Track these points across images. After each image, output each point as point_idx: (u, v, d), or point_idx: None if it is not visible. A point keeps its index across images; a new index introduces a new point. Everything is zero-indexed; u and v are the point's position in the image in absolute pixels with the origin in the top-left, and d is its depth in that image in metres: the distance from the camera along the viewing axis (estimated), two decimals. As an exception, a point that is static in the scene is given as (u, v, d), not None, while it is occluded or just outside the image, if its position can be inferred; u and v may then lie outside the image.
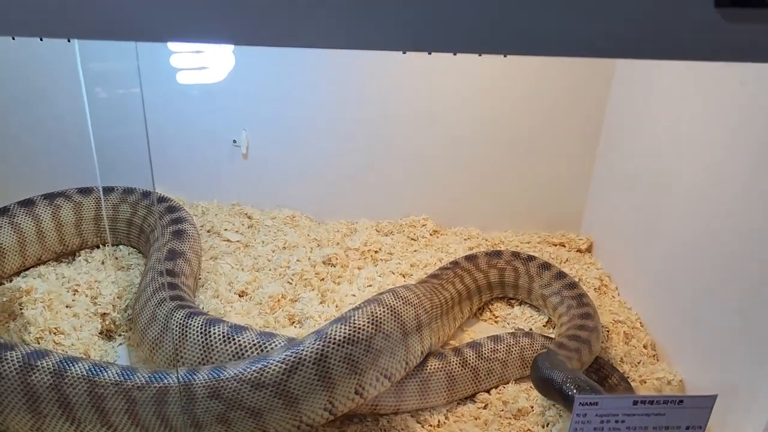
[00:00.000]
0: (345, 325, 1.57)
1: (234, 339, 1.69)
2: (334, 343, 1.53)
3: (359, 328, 1.57)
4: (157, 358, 1.80)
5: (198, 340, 1.72)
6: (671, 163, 2.02)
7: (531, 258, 2.23)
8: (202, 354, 1.71)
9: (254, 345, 1.69)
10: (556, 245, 2.61)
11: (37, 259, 2.23)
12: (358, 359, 1.56)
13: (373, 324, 1.60)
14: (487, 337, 1.94)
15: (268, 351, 1.67)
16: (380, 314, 1.62)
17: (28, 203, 2.22)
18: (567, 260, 2.49)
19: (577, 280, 2.18)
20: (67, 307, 1.97)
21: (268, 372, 1.50)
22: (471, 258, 2.23)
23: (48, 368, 1.50)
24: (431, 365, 1.78)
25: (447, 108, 2.48)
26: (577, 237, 2.62)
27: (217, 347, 1.70)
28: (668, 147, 2.05)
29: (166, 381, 1.50)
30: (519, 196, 2.62)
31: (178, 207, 2.39)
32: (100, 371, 1.51)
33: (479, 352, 1.86)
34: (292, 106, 2.47)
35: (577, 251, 2.58)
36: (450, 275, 2.11)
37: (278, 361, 1.51)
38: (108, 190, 2.37)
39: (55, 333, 1.84)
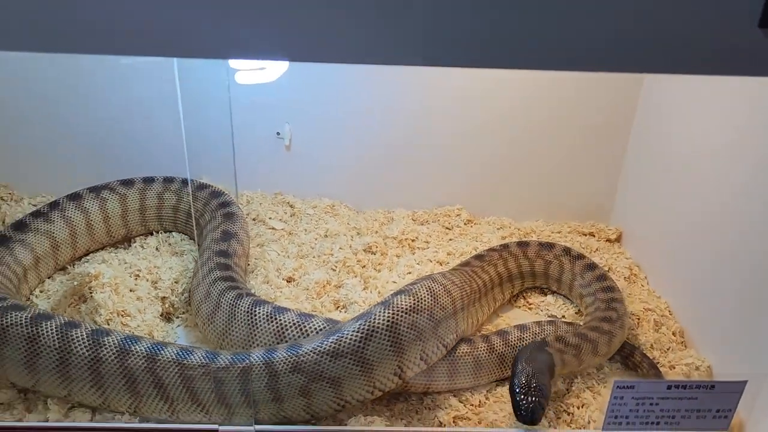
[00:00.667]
0: (408, 296, 1.72)
1: (276, 318, 1.83)
2: (402, 311, 1.68)
3: (421, 299, 1.73)
4: (209, 334, 1.94)
5: (244, 319, 1.86)
6: (701, 153, 2.08)
7: (580, 256, 2.29)
8: (247, 332, 1.85)
9: (294, 324, 1.83)
10: (585, 235, 2.69)
11: (86, 250, 2.33)
12: (423, 327, 1.72)
13: (431, 296, 1.76)
14: (514, 326, 2.05)
15: (309, 330, 1.81)
16: (436, 289, 1.79)
17: (75, 197, 2.30)
18: (597, 250, 2.58)
19: (616, 285, 2.21)
20: (130, 291, 2.09)
21: (345, 341, 1.64)
22: (522, 244, 2.34)
23: (141, 353, 1.65)
24: (460, 349, 1.89)
25: (479, 100, 2.56)
26: (606, 227, 2.70)
27: (260, 326, 1.84)
28: (699, 138, 2.11)
29: (247, 361, 1.64)
30: (550, 186, 2.71)
31: (222, 192, 2.50)
32: (187, 355, 1.66)
33: (506, 339, 1.96)
34: (333, 102, 2.56)
35: (607, 241, 2.66)
36: (495, 257, 2.23)
37: (353, 331, 1.65)
38: (149, 180, 2.46)
39: (122, 315, 1.98)
